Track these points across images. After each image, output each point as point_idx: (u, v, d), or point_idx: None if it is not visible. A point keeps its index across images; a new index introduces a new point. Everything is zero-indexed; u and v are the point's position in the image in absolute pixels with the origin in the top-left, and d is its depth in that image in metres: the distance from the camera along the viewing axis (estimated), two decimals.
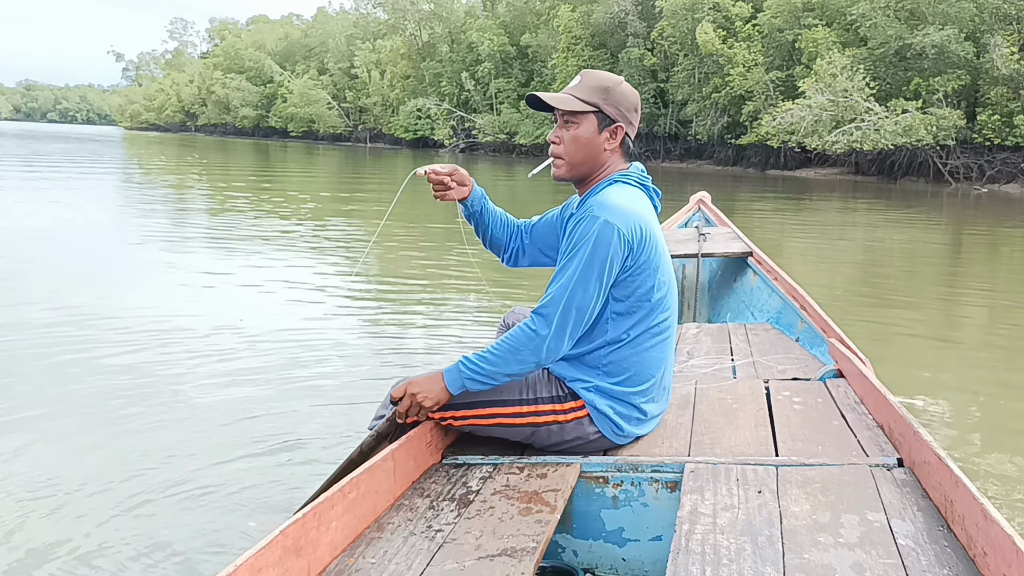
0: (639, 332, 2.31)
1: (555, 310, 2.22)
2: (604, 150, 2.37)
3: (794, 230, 14.91)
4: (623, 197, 2.29)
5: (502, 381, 2.28)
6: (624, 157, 2.43)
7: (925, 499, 1.99)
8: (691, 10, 39.76)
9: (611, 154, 2.39)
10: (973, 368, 5.60)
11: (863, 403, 2.74)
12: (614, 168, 2.40)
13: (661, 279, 2.32)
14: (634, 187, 2.38)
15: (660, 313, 2.33)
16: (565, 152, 2.38)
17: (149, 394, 4.38)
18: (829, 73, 31.40)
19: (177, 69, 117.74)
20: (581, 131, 2.35)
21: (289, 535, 1.66)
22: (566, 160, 2.39)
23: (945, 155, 31.65)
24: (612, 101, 2.34)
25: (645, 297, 2.29)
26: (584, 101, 2.34)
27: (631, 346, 2.31)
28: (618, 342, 2.31)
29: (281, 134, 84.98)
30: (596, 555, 2.30)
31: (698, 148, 43.86)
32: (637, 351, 2.32)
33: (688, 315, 5.39)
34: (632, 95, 2.39)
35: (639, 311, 2.30)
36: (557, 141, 2.39)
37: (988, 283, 9.68)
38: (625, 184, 2.37)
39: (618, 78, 2.41)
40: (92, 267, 8.40)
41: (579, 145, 2.36)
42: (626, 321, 2.30)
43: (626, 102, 2.37)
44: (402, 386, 2.31)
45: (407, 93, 63.42)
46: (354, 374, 4.82)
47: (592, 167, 2.40)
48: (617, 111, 2.35)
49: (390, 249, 10.11)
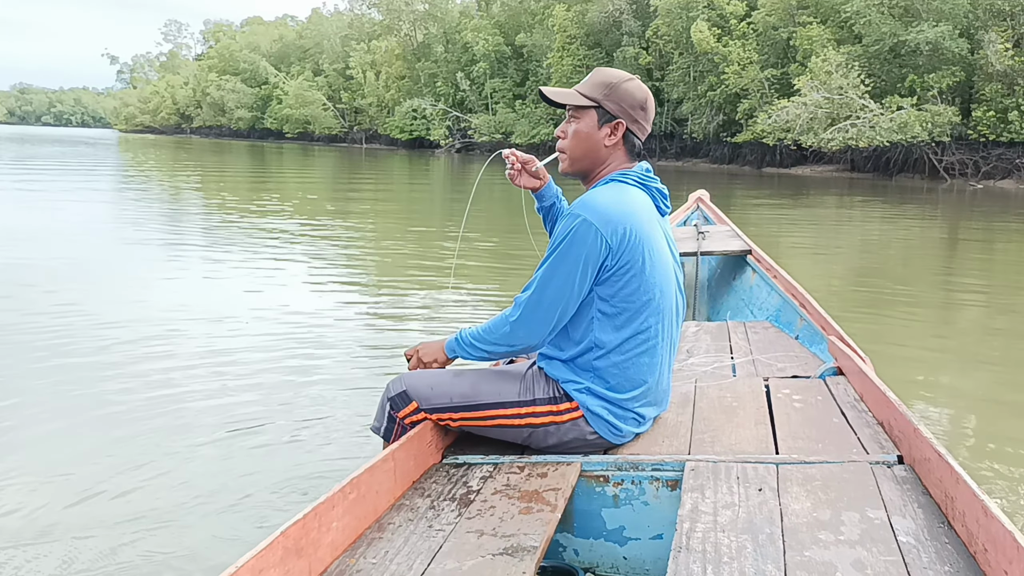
0: (627, 336, 2.29)
1: (528, 301, 2.27)
2: (604, 146, 2.37)
3: (790, 227, 14.91)
4: (611, 196, 2.27)
5: (482, 355, 2.37)
6: (629, 155, 2.41)
7: (925, 496, 1.99)
8: (686, 8, 39.80)
9: (612, 151, 2.38)
10: (972, 364, 5.61)
11: (863, 400, 2.74)
12: (617, 166, 2.39)
13: (650, 281, 2.28)
14: (632, 186, 2.35)
15: (649, 317, 2.29)
16: (568, 147, 2.40)
17: (148, 394, 4.37)
18: (824, 71, 31.45)
19: (172, 71, 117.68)
20: (582, 126, 2.36)
21: (290, 536, 1.66)
22: (568, 154, 2.41)
23: (940, 151, 31.72)
24: (614, 97, 2.34)
25: (631, 299, 2.27)
26: (586, 96, 2.34)
27: (619, 353, 2.29)
28: (605, 348, 2.29)
29: (276, 136, 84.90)
30: (597, 554, 2.30)
31: (694, 146, 43.90)
32: (626, 357, 2.30)
33: (687, 313, 5.40)
34: (638, 92, 2.36)
35: (625, 313, 2.28)
36: (563, 135, 2.41)
37: (985, 279, 9.70)
38: (622, 183, 2.35)
39: (628, 76, 2.39)
40: (89, 269, 8.39)
41: (579, 140, 2.37)
42: (612, 322, 2.28)
43: (629, 99, 2.35)
44: (413, 348, 2.52)
45: (402, 94, 63.42)
46: (356, 375, 4.82)
47: (593, 163, 2.39)
48: (619, 107, 2.34)
49: (400, 253, 10.10)
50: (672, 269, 2.41)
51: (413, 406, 2.38)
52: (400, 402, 2.39)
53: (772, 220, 15.87)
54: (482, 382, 2.39)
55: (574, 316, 2.32)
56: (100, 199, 17.08)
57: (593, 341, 2.30)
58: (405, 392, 2.39)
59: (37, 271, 8.07)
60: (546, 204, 2.78)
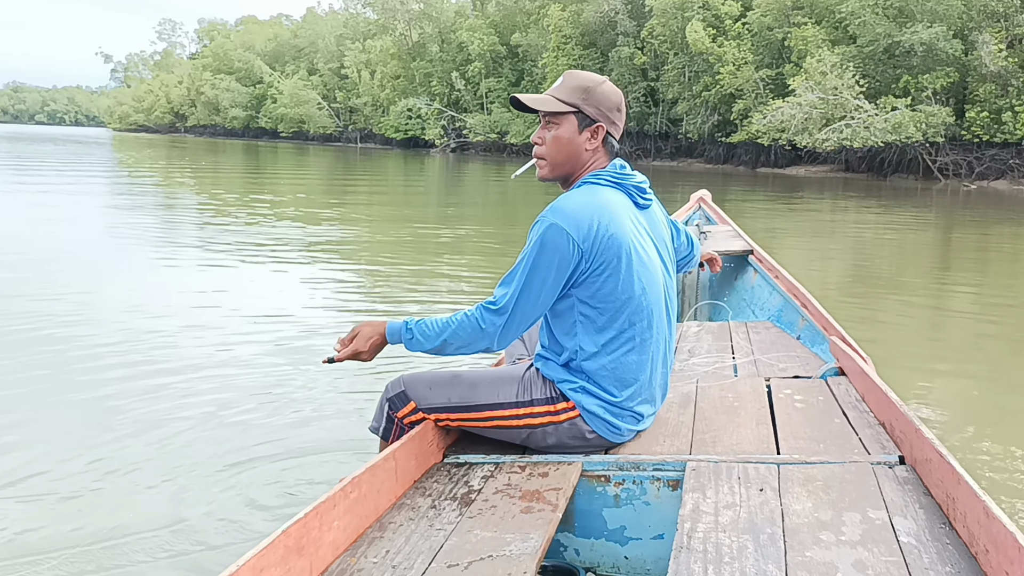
0: (610, 336, 2.29)
1: (498, 306, 2.25)
2: (585, 150, 2.36)
3: (786, 227, 14.94)
4: (580, 199, 2.27)
5: (432, 348, 2.31)
6: (607, 156, 2.41)
7: (927, 496, 1.99)
8: (681, 9, 39.83)
9: (593, 154, 2.38)
10: (973, 365, 5.61)
11: (864, 401, 2.74)
12: (596, 167, 2.39)
13: (629, 280, 2.27)
14: (604, 187, 2.35)
15: (632, 315, 2.29)
16: (547, 153, 2.38)
17: (145, 396, 4.35)
18: (819, 71, 31.53)
19: (166, 70, 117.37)
20: (562, 131, 2.35)
21: (291, 535, 1.66)
22: (548, 160, 2.39)
23: (934, 152, 31.82)
24: (592, 101, 2.33)
25: (610, 298, 2.26)
26: (564, 102, 2.33)
27: (604, 354, 2.29)
28: (590, 350, 2.29)
29: (271, 135, 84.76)
30: (598, 554, 2.30)
31: (689, 146, 43.93)
32: (613, 358, 2.30)
33: (689, 314, 5.39)
34: (614, 94, 2.37)
35: (606, 313, 2.27)
36: (540, 142, 2.39)
37: (980, 279, 9.72)
38: (593, 185, 2.34)
39: (601, 78, 2.39)
40: (83, 269, 8.37)
41: (560, 145, 2.36)
42: (594, 324, 2.28)
43: (607, 102, 2.35)
44: (348, 334, 2.39)
45: (397, 93, 63.32)
46: (354, 377, 4.79)
47: (574, 167, 2.39)
48: (598, 111, 2.34)
49: (390, 253, 10.10)
50: (658, 263, 2.40)
51: (411, 406, 2.38)
52: (399, 402, 2.40)
53: (766, 219, 15.88)
54: (481, 383, 2.39)
55: (559, 321, 2.33)
56: (97, 198, 17.05)
57: (578, 344, 2.31)
58: (403, 392, 2.39)
59: (24, 270, 8.04)
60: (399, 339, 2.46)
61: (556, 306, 2.31)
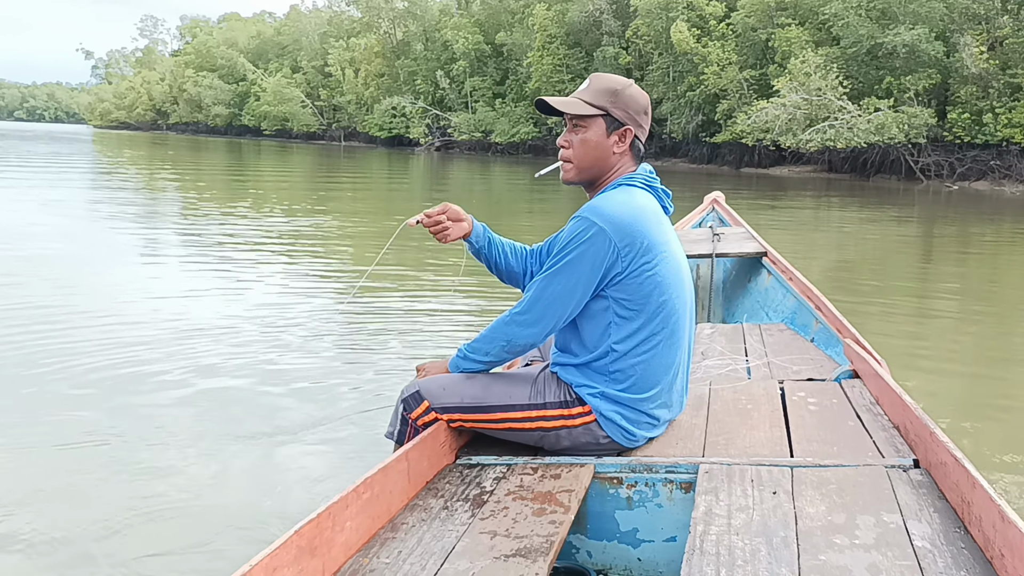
0: (644, 337, 2.29)
1: (533, 303, 2.28)
2: (613, 153, 2.37)
3: (775, 226, 14.98)
4: (621, 201, 2.29)
5: (481, 361, 2.39)
6: (634, 159, 2.42)
7: (942, 500, 1.99)
8: (665, 9, 39.93)
9: (620, 157, 2.39)
10: (986, 367, 5.59)
11: (879, 404, 2.74)
12: (623, 171, 2.40)
13: (664, 282, 2.29)
14: (638, 189, 2.37)
15: (666, 316, 2.30)
16: (574, 156, 2.38)
17: (156, 396, 4.34)
18: (803, 72, 31.67)
19: (148, 67, 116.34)
20: (590, 135, 2.35)
21: (304, 535, 1.66)
22: (575, 164, 2.39)
23: (917, 153, 32.04)
24: (620, 104, 2.34)
25: (646, 300, 2.27)
26: (592, 105, 2.34)
27: (635, 354, 2.29)
28: (623, 351, 2.29)
29: (254, 132, 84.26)
30: (610, 556, 2.30)
31: (673, 146, 44.02)
32: (644, 359, 2.30)
33: (702, 315, 5.37)
34: (641, 97, 2.39)
35: (642, 314, 2.28)
36: (566, 145, 2.39)
37: (995, 290, 9.76)
38: (629, 187, 2.36)
39: (627, 80, 2.40)
40: (72, 268, 8.29)
41: (588, 149, 2.36)
42: (629, 325, 2.29)
43: (635, 104, 2.37)
44: (423, 363, 2.55)
45: (381, 91, 63.10)
46: (367, 383, 4.73)
47: (601, 170, 2.39)
48: (626, 114, 2.35)
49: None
50: (684, 267, 2.41)
51: (425, 405, 2.38)
52: (413, 402, 2.40)
53: (754, 218, 15.91)
54: (493, 384, 2.39)
55: (590, 322, 2.32)
56: (78, 197, 16.90)
57: (611, 345, 2.30)
58: (418, 392, 2.40)
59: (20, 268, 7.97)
60: (482, 244, 2.65)
61: (590, 306, 2.31)
